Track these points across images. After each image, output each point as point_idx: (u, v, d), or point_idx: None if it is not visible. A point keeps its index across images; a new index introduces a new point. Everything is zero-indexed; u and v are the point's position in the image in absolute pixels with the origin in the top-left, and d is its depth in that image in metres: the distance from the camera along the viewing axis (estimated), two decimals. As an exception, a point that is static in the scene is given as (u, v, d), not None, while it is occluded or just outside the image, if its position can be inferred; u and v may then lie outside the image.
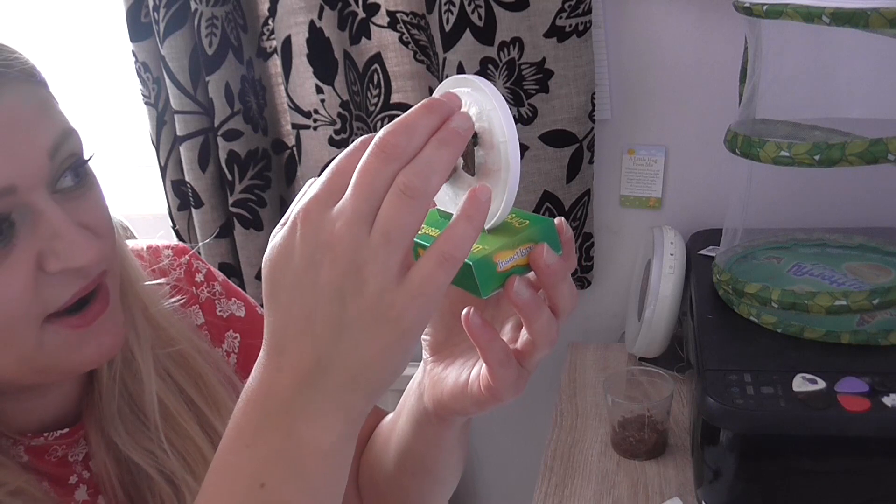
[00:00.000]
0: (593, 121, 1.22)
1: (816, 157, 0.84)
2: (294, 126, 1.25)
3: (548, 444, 1.10)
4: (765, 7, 0.87)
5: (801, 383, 0.84)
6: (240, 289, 0.78)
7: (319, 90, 1.20)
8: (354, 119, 1.24)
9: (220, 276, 0.77)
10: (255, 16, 1.30)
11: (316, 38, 1.18)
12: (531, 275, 0.46)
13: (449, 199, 0.48)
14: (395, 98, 1.27)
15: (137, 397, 0.63)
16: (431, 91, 1.25)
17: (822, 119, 1.00)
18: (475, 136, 0.44)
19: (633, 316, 1.26)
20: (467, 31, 1.14)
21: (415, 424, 0.60)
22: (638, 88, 1.25)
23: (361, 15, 1.23)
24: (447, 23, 1.14)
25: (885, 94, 0.99)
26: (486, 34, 1.15)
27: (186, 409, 0.65)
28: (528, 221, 0.46)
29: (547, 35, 1.15)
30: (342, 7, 1.21)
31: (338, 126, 1.22)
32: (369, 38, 1.25)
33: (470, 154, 0.45)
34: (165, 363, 0.65)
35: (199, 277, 0.75)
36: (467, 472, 1.66)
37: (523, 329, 0.47)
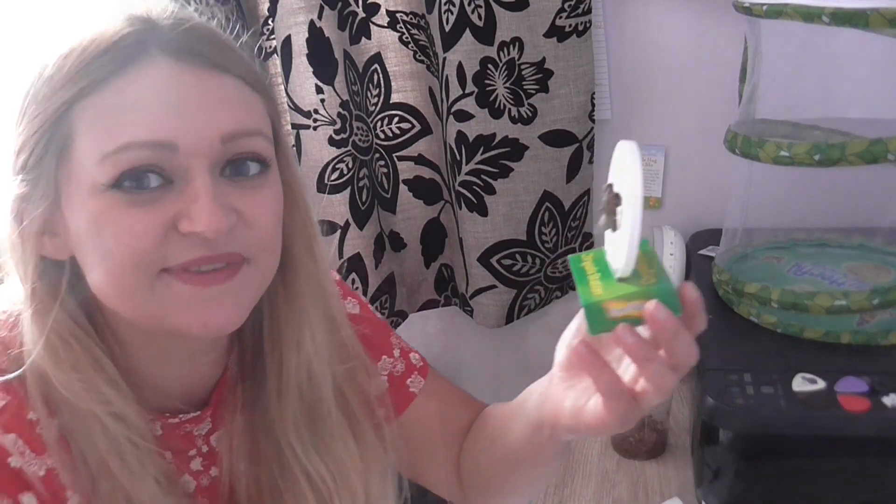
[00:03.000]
0: (593, 120, 1.22)
1: (816, 157, 0.84)
2: (294, 126, 1.25)
3: (548, 444, 1.10)
4: (765, 7, 0.87)
5: (801, 383, 0.84)
6: (352, 290, 0.83)
7: (319, 90, 1.20)
8: (354, 119, 1.24)
9: (336, 275, 0.80)
10: (255, 16, 1.30)
11: (316, 38, 1.18)
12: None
13: (607, 243, 0.56)
14: (395, 98, 1.27)
15: (314, 407, 0.68)
16: (431, 91, 1.25)
17: (822, 119, 1.00)
18: (619, 196, 0.52)
19: (633, 316, 1.26)
20: (467, 30, 1.14)
21: (529, 430, 0.66)
22: (638, 88, 1.25)
23: (361, 15, 1.23)
24: (447, 22, 1.14)
25: (885, 94, 0.98)
26: (486, 34, 1.15)
27: (344, 420, 0.70)
28: (655, 280, 0.52)
29: (547, 35, 1.15)
30: (342, 7, 1.21)
31: (338, 126, 1.22)
32: (369, 37, 1.25)
33: (613, 213, 0.53)
34: (338, 379, 0.70)
35: None
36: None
37: None
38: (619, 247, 0.52)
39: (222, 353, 0.69)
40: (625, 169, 0.51)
